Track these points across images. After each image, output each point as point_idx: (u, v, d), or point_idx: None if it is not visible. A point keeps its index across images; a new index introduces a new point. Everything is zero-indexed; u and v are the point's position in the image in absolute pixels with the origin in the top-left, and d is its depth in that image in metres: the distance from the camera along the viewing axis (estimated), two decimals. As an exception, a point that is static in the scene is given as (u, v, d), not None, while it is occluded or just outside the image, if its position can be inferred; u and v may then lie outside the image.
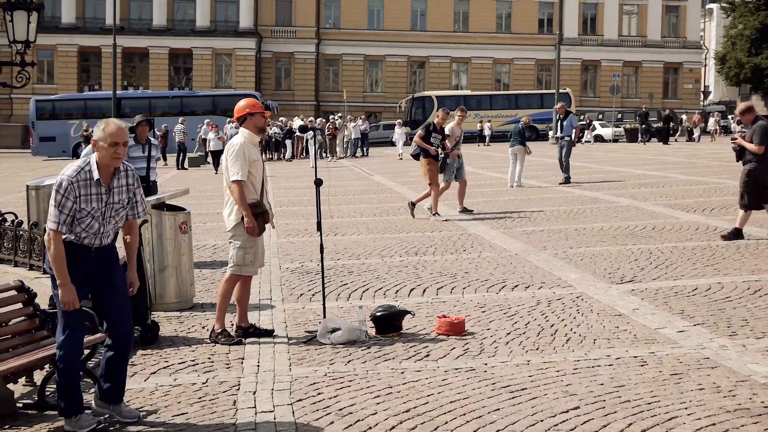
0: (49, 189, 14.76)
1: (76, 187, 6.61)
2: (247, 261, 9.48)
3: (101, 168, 6.71)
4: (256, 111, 9.54)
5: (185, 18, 79.49)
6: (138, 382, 8.09)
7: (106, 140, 6.65)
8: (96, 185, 6.68)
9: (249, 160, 9.33)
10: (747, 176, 14.84)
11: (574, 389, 7.35)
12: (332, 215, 19.47)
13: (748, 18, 79.97)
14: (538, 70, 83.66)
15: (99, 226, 6.73)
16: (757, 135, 14.68)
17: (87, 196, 6.65)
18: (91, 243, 6.76)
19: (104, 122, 6.80)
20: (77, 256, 6.71)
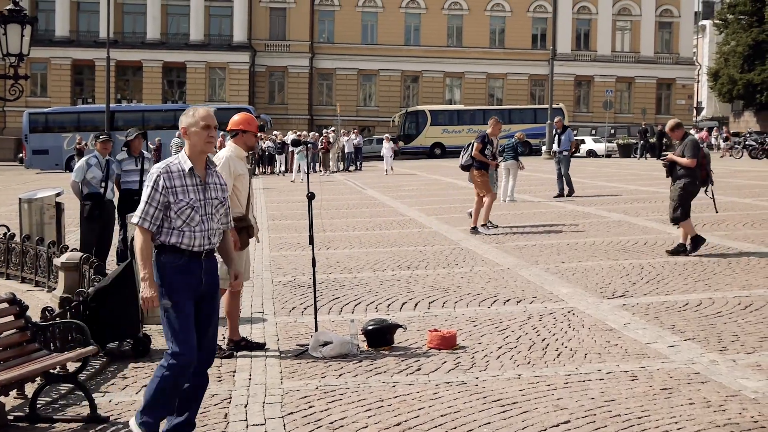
0: (42, 202, 14.91)
1: (167, 178, 6.34)
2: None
3: (194, 158, 6.45)
4: (250, 129, 9.57)
5: (179, 32, 79.53)
6: (129, 394, 8.10)
7: (198, 123, 6.44)
8: (189, 176, 6.41)
9: (234, 174, 9.35)
10: (681, 190, 15.05)
11: (564, 403, 7.36)
12: (325, 229, 19.48)
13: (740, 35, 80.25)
14: (531, 85, 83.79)
15: (200, 219, 6.38)
16: (688, 149, 14.98)
17: (183, 187, 6.35)
18: (201, 245, 6.37)
19: (191, 108, 6.58)
20: (188, 264, 6.38)
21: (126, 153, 14.39)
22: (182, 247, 6.32)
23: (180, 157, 6.47)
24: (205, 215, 6.41)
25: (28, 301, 9.47)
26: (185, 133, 6.47)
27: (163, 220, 6.34)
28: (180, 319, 6.30)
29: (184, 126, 6.48)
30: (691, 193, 15.14)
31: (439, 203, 26.59)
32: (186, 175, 6.38)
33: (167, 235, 6.35)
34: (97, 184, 13.74)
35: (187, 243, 6.34)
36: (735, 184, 30.31)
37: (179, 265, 6.34)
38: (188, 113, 6.51)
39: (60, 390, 8.13)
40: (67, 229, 16.28)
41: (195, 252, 6.36)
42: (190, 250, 6.34)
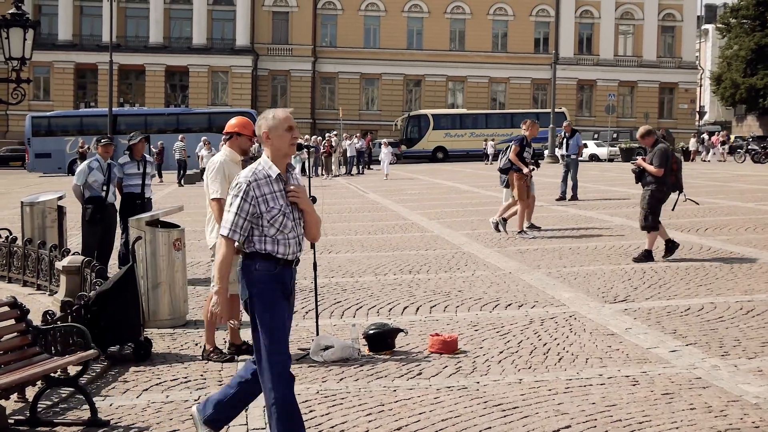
0: (44, 206, 14.91)
1: (256, 187, 6.04)
2: (231, 279, 9.45)
3: (277, 162, 6.14)
4: (245, 133, 9.57)
5: (182, 36, 79.65)
6: (130, 398, 8.09)
7: (282, 126, 6.13)
8: (276, 182, 6.10)
9: (229, 179, 9.36)
10: (650, 197, 15.12)
11: (565, 408, 7.35)
12: (326, 233, 19.48)
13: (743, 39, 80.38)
14: (533, 89, 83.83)
15: (292, 225, 6.10)
16: (657, 158, 15.04)
17: (272, 194, 6.05)
18: (294, 252, 6.13)
19: (270, 111, 6.25)
20: (282, 273, 6.11)
21: (128, 156, 14.40)
22: (277, 256, 6.08)
23: (263, 163, 6.14)
24: (295, 221, 6.15)
25: (29, 304, 9.49)
26: (267, 137, 6.13)
27: (253, 228, 6.08)
28: (277, 330, 6.08)
29: (265, 130, 6.14)
30: (659, 200, 15.23)
31: (441, 207, 26.58)
32: (273, 181, 6.08)
33: (261, 242, 6.09)
34: (98, 188, 13.74)
35: (282, 251, 6.09)
36: (737, 189, 30.30)
37: (275, 274, 6.09)
38: (267, 117, 6.19)
39: (61, 394, 8.12)
40: (69, 233, 16.29)
41: (288, 260, 6.13)
42: (285, 259, 6.10)
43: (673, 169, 15.09)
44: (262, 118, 6.21)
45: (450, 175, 45.87)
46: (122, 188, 14.30)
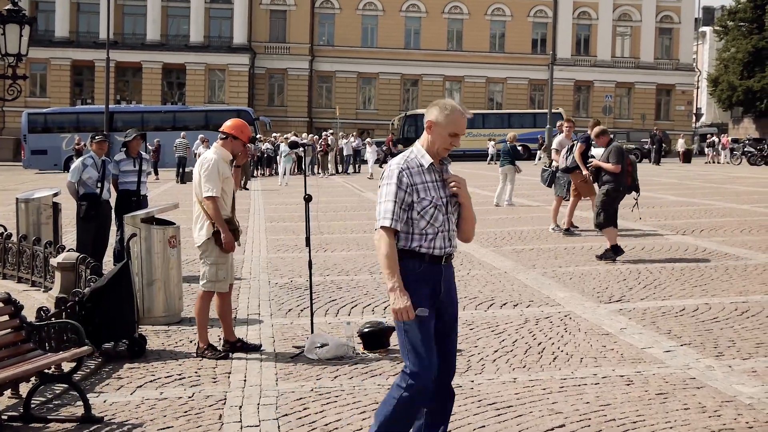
0: (39, 202, 14.90)
1: (408, 174, 5.65)
2: (220, 277, 9.48)
3: (431, 152, 5.76)
4: (241, 138, 9.57)
5: (179, 33, 79.55)
6: (124, 395, 8.08)
7: (447, 129, 5.72)
8: (429, 172, 5.72)
9: (222, 177, 9.37)
10: (605, 195, 15.24)
11: (560, 407, 7.35)
12: (322, 231, 19.48)
13: (740, 41, 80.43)
14: (531, 90, 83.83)
15: (443, 219, 5.68)
16: (613, 155, 15.23)
17: (423, 184, 5.67)
18: (442, 248, 5.69)
19: (448, 106, 5.81)
20: (428, 271, 5.71)
21: (124, 154, 14.38)
22: (422, 251, 5.66)
23: (416, 150, 5.79)
24: (447, 214, 5.73)
25: (24, 300, 9.49)
26: (429, 127, 5.75)
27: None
28: (421, 334, 5.65)
29: (431, 119, 5.75)
30: (615, 198, 15.37)
31: (438, 207, 26.48)
32: (426, 171, 5.71)
33: (407, 239, 5.67)
34: (93, 185, 13.71)
35: (428, 246, 5.66)
36: (733, 191, 30.33)
37: (420, 273, 5.68)
38: (444, 110, 5.74)
39: (54, 390, 8.11)
40: (63, 230, 16.27)
41: (435, 256, 5.69)
42: (431, 254, 5.68)
43: (628, 170, 15.26)
44: (437, 106, 5.80)
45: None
46: (118, 185, 14.28)
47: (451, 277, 5.89)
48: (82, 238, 14.00)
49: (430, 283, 5.70)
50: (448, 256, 5.79)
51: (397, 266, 5.58)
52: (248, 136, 9.76)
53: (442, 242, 5.70)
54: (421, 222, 5.64)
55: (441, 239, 5.69)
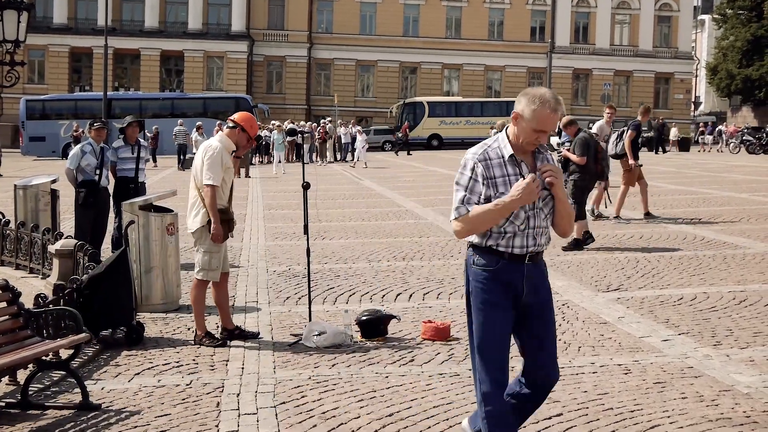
0: (37, 189, 14.88)
1: (486, 167, 5.25)
2: (213, 266, 9.47)
3: (516, 148, 5.31)
4: (249, 131, 9.56)
5: (177, 20, 79.37)
6: (122, 382, 8.08)
7: (531, 123, 5.24)
8: (511, 164, 5.27)
9: (225, 167, 9.36)
10: (573, 187, 15.40)
11: (557, 396, 7.34)
12: (320, 219, 19.47)
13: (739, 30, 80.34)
14: (529, 78, 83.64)
15: (526, 216, 5.25)
16: (578, 147, 15.46)
17: (504, 178, 5.24)
18: (523, 246, 5.28)
19: (538, 97, 5.24)
20: (505, 270, 5.30)
21: (122, 140, 14.37)
22: (500, 249, 5.27)
23: (500, 139, 5.35)
24: (531, 210, 5.27)
25: (21, 287, 9.49)
26: (516, 118, 5.29)
27: None
28: (490, 336, 5.34)
29: (518, 111, 5.29)
30: (582, 188, 15.58)
31: (436, 195, 26.55)
32: (507, 162, 5.27)
33: (484, 235, 5.29)
34: (91, 172, 13.69)
35: (506, 245, 5.26)
36: (731, 179, 30.33)
37: (494, 271, 5.29)
38: (533, 102, 5.22)
39: (52, 377, 8.12)
40: (62, 216, 16.27)
41: (515, 255, 5.27)
42: (510, 253, 5.27)
43: (597, 158, 15.40)
44: (526, 96, 5.29)
45: (445, 162, 45.83)
46: (116, 172, 14.27)
47: (540, 277, 5.41)
48: (80, 225, 13.99)
49: (506, 283, 5.30)
50: (534, 255, 5.34)
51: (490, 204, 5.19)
52: (255, 132, 9.75)
53: (523, 241, 5.28)
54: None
55: (522, 238, 5.27)
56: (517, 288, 5.31)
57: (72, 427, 6.89)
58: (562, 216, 5.45)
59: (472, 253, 5.37)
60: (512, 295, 5.32)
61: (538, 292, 5.40)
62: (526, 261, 5.31)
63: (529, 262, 5.32)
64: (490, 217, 5.17)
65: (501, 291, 5.29)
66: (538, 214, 5.30)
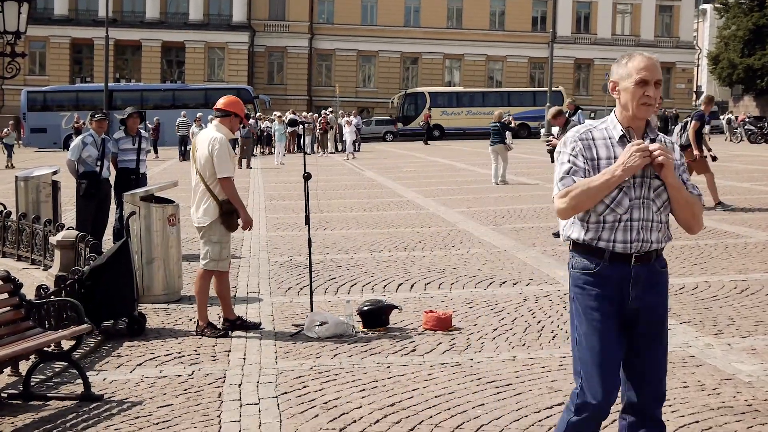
0: (38, 180, 14.88)
1: (587, 146, 4.63)
2: (223, 255, 9.49)
3: (626, 122, 4.67)
4: (240, 114, 9.62)
5: (178, 11, 79.31)
6: (124, 373, 8.09)
7: (631, 77, 4.58)
8: (621, 145, 4.61)
9: (231, 157, 9.44)
10: None
11: (558, 385, 7.36)
12: (322, 209, 19.47)
13: (741, 19, 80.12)
14: (530, 68, 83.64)
15: (630, 204, 4.58)
16: None
17: (610, 160, 4.59)
18: (628, 241, 4.59)
19: (625, 56, 4.67)
20: (607, 271, 4.64)
21: (123, 132, 14.37)
22: (599, 245, 4.62)
23: (609, 120, 4.73)
24: (640, 200, 4.59)
25: (23, 279, 9.50)
26: (614, 88, 4.71)
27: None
28: (590, 349, 4.69)
29: (613, 79, 4.71)
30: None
31: (437, 185, 26.57)
32: (616, 143, 4.64)
33: (582, 228, 4.68)
34: (93, 163, 13.70)
35: (608, 239, 4.60)
36: (733, 169, 30.30)
37: (595, 274, 4.67)
38: (620, 63, 4.68)
39: (54, 368, 8.12)
40: (63, 208, 16.27)
41: (618, 253, 4.60)
42: (612, 251, 4.61)
43: None
44: (615, 62, 4.76)
45: (446, 152, 45.80)
46: (117, 163, 14.27)
47: (652, 282, 4.68)
48: (81, 217, 14.00)
49: (611, 287, 4.63)
50: (642, 255, 4.63)
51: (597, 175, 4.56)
52: (243, 112, 9.77)
53: (627, 234, 4.59)
54: (599, 206, 4.60)
55: (626, 231, 4.58)
56: (622, 294, 4.63)
57: (74, 418, 6.89)
58: (681, 205, 4.68)
59: (571, 254, 4.80)
60: (616, 302, 4.66)
61: (647, 301, 4.67)
62: (633, 261, 4.61)
63: (636, 263, 4.61)
64: (596, 189, 4.50)
65: (604, 298, 4.65)
66: (647, 205, 4.60)
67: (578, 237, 4.70)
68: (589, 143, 4.64)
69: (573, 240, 4.75)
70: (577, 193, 4.54)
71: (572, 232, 4.74)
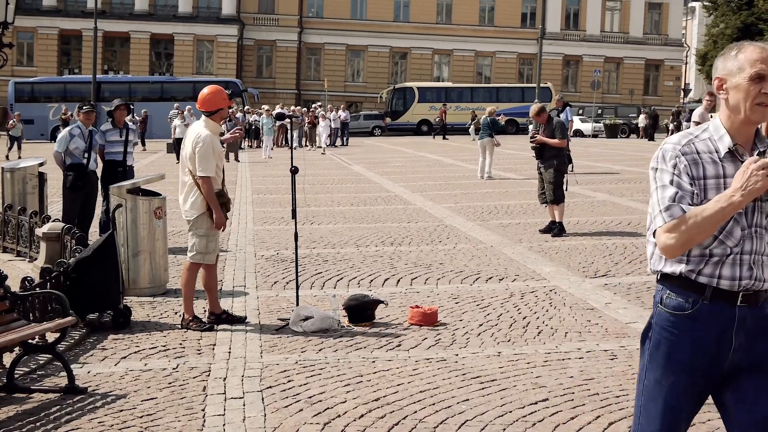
0: (24, 172, 14.84)
1: (691, 162, 3.70)
2: (210, 249, 9.49)
3: (735, 129, 3.76)
4: (225, 105, 9.59)
5: (167, 3, 79.05)
6: (108, 366, 8.07)
7: (744, 70, 3.72)
8: (731, 161, 3.73)
9: (216, 154, 9.38)
10: (556, 171, 15.57)
11: (543, 381, 7.38)
12: (309, 204, 19.46)
13: (729, 17, 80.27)
14: (519, 64, 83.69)
15: (743, 234, 3.72)
16: (559, 131, 15.61)
17: (718, 179, 3.70)
18: (737, 279, 3.71)
19: (733, 46, 3.80)
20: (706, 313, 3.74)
21: (110, 124, 14.33)
22: (700, 280, 3.74)
23: (711, 128, 3.82)
24: (752, 228, 3.74)
25: (8, 270, 9.46)
26: (720, 86, 3.80)
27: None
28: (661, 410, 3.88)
29: (720, 75, 3.81)
30: (563, 172, 15.82)
31: (425, 180, 26.58)
32: (724, 159, 3.73)
33: (680, 259, 3.78)
34: (80, 155, 13.66)
35: (711, 274, 3.73)
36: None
37: (690, 317, 3.76)
38: (731, 50, 3.82)
39: (38, 360, 8.10)
40: (50, 200, 16.23)
41: (722, 291, 3.71)
42: (715, 287, 3.72)
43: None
44: (720, 56, 3.87)
45: (434, 148, 45.83)
46: (104, 155, 14.24)
47: (760, 328, 3.79)
48: (68, 209, 13.96)
49: (709, 332, 3.76)
50: (752, 295, 3.75)
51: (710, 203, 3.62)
52: (226, 100, 9.71)
53: (736, 270, 3.71)
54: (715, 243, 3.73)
55: (734, 266, 3.71)
56: (722, 342, 3.75)
57: (58, 411, 6.87)
58: None
59: (661, 288, 3.87)
60: (713, 354, 3.78)
61: (756, 350, 3.78)
62: (739, 302, 3.73)
63: (743, 303, 3.73)
64: (709, 221, 3.60)
65: (696, 347, 3.78)
66: (760, 235, 3.76)
67: (674, 270, 3.78)
68: (694, 158, 3.72)
69: (666, 273, 3.83)
70: (689, 225, 3.63)
71: (665, 265, 3.82)
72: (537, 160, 15.90)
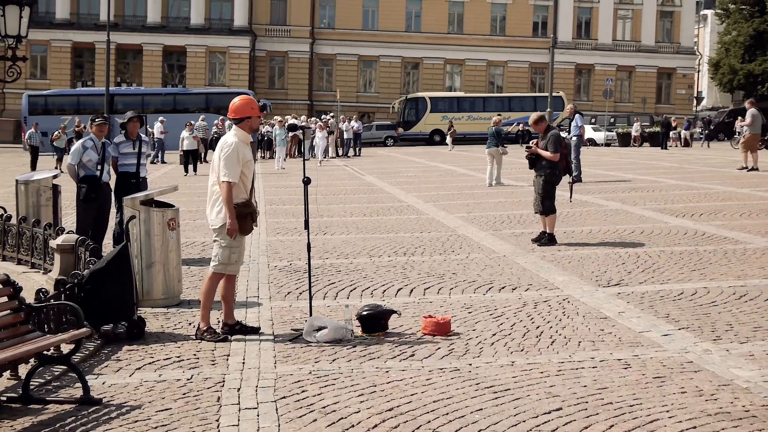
0: (39, 184, 14.90)
1: None
2: (232, 260, 9.52)
3: None
4: (254, 114, 9.61)
5: (180, 15, 79.30)
6: (123, 377, 8.10)
7: None
8: None
9: (243, 161, 9.39)
10: (545, 182, 15.51)
11: (557, 390, 7.37)
12: (321, 214, 19.48)
13: (742, 25, 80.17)
14: (531, 73, 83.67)
15: None
16: (551, 144, 15.48)
17: None
18: None
19: None
20: None
21: (124, 136, 14.39)
22: None
23: None
24: None
25: (23, 282, 9.49)
26: None
27: None
28: None
29: None
30: (553, 184, 15.67)
31: (437, 190, 26.58)
32: None
33: None
34: (93, 167, 13.71)
35: None
36: (733, 174, 30.30)
37: None
38: None
39: (53, 372, 8.14)
40: (63, 212, 16.29)
41: None
42: None
43: (563, 153, 15.57)
44: None
45: (447, 157, 45.82)
46: (117, 167, 14.29)
47: None
48: (82, 221, 14.01)
49: None
50: None
51: None
52: (259, 108, 9.78)
53: None
54: None
55: None
56: None
57: (73, 422, 6.91)
58: None
59: None
60: None
61: None
62: None
63: None
64: None
65: None
66: None
67: None
68: None
69: None
70: None
71: None
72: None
